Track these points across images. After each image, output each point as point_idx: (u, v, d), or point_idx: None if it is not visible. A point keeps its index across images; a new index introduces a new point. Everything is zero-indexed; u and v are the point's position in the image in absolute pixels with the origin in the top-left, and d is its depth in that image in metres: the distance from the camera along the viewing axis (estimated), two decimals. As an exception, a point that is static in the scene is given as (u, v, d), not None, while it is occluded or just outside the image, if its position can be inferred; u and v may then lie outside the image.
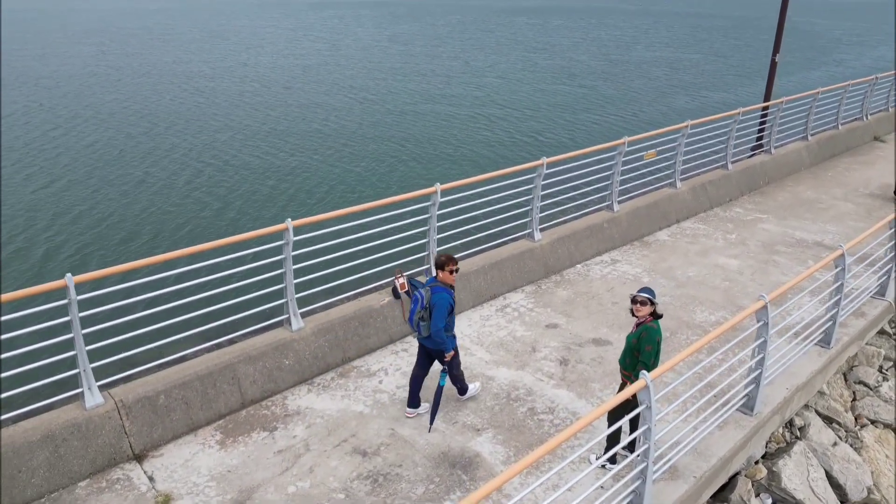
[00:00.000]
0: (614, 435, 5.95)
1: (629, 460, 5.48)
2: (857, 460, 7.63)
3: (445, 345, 6.56)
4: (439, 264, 6.63)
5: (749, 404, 7.02)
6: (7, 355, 5.69)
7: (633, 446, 5.67)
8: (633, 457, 5.47)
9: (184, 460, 6.19)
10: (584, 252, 10.75)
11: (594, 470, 6.18)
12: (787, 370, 7.73)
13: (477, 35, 48.36)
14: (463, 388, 7.14)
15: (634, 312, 6.04)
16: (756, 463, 7.34)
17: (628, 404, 5.65)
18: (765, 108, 15.24)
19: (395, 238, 8.40)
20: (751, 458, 7.29)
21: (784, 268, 10.63)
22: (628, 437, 5.54)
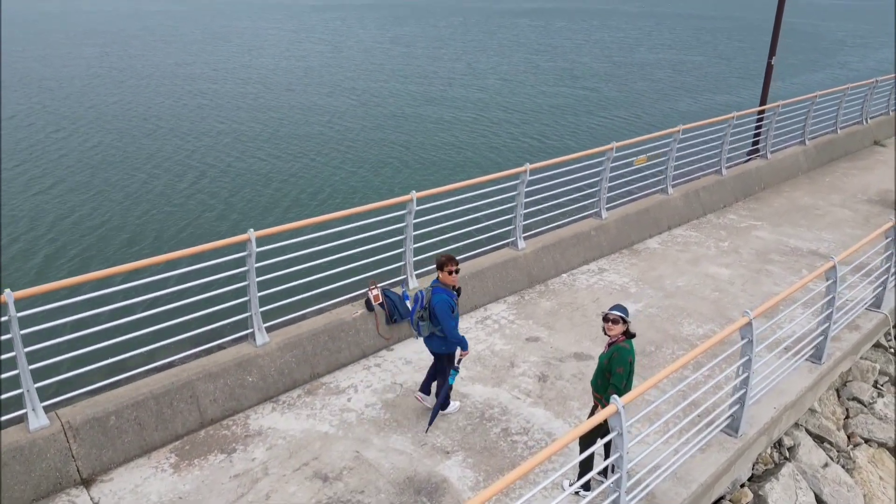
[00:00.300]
0: (587, 461, 5.62)
1: (602, 488, 5.15)
2: (849, 482, 7.28)
3: (463, 343, 6.52)
4: (439, 265, 6.50)
5: (733, 425, 6.68)
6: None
7: (608, 472, 5.35)
8: (607, 484, 5.14)
9: (134, 485, 5.87)
10: (571, 261, 10.41)
11: (567, 497, 5.85)
12: (776, 388, 7.39)
13: (478, 37, 48.01)
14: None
15: (606, 331, 5.71)
16: (742, 486, 6.99)
17: (601, 428, 5.33)
18: (761, 112, 14.89)
19: (369, 248, 8.09)
20: (736, 481, 6.94)
21: (777, 277, 10.28)
22: (602, 464, 5.21)
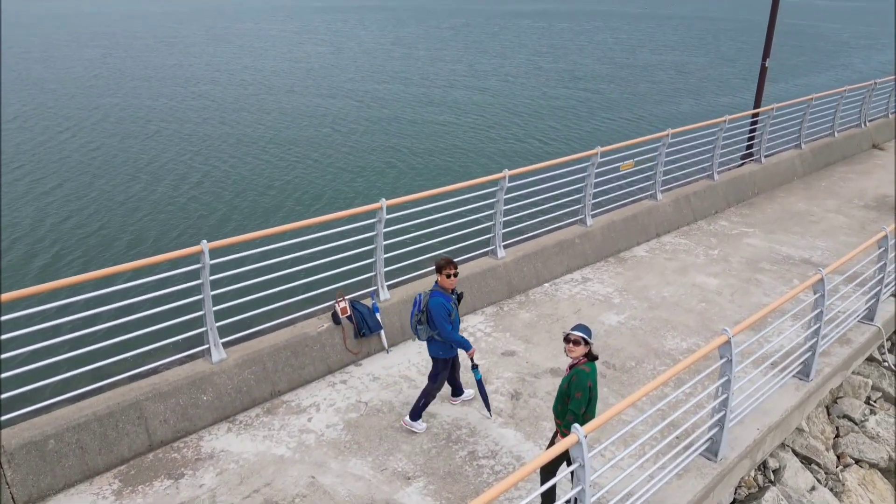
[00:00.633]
0: (549, 494, 5.27)
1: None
2: (838, 507, 6.91)
3: (464, 344, 6.43)
4: (438, 268, 6.41)
5: (713, 448, 6.32)
6: None
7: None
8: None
9: (71, 514, 5.54)
10: (553, 270, 10.05)
11: (531, 529, 5.49)
12: (761, 407, 7.02)
13: (480, 38, 47.67)
14: (416, 413, 6.64)
15: (567, 352, 5.36)
16: (723, 512, 6.63)
17: (565, 456, 4.99)
18: (755, 115, 14.51)
19: (336, 258, 7.75)
20: (717, 506, 6.58)
21: (767, 287, 9.91)
22: (565, 497, 4.86)
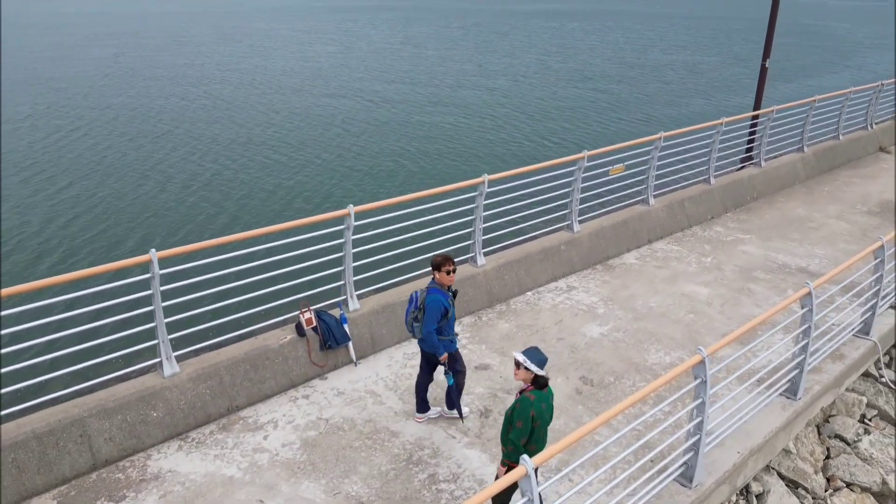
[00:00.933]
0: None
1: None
2: (825, 535, 6.51)
3: (437, 349, 6.28)
4: (436, 265, 6.29)
5: (688, 474, 5.94)
6: None
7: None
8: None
9: (1, 539, 5.25)
10: (537, 277, 9.69)
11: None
12: (743, 428, 6.64)
13: (490, 38, 47.32)
14: (452, 405, 6.65)
15: (514, 376, 5.03)
16: (699, 541, 6.24)
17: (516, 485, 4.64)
18: (755, 118, 14.06)
19: (303, 267, 7.44)
20: (692, 535, 6.20)
21: (759, 298, 9.49)
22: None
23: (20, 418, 5.81)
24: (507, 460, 4.92)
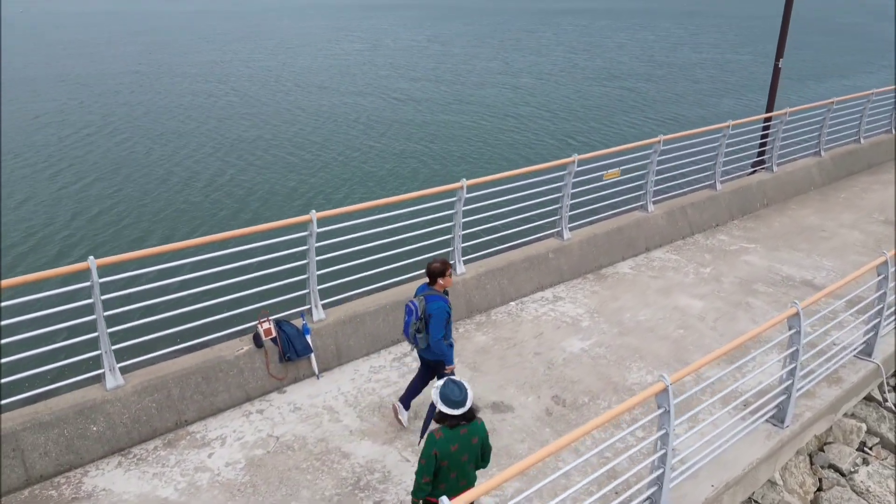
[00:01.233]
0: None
1: None
2: (808, 577, 6.00)
3: (446, 356, 6.12)
4: (438, 272, 6.07)
5: (652, 510, 5.49)
6: None
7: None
8: None
9: (-85, 560, 5.03)
10: (521, 287, 9.26)
11: None
12: (721, 458, 6.15)
13: (518, 36, 46.58)
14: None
15: None
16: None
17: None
18: (767, 120, 13.41)
19: (265, 274, 7.14)
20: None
21: (757, 313, 8.94)
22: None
23: (-52, 432, 5.60)
24: (413, 498, 4.57)
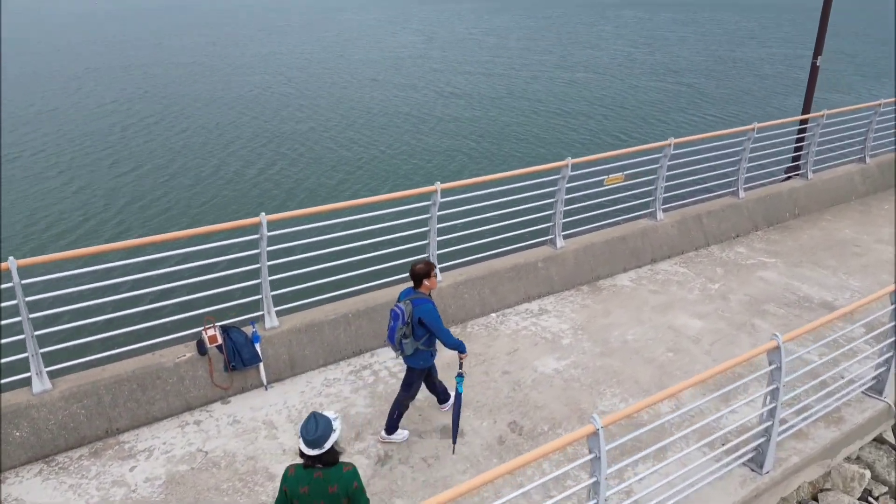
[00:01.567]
0: None
1: None
2: None
3: (460, 346, 5.96)
4: (423, 273, 5.90)
5: (585, 564, 4.90)
6: None
7: None
8: None
9: None
10: (505, 298, 8.69)
11: None
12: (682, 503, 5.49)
13: (576, 29, 45.28)
14: (392, 426, 6.26)
15: None
16: None
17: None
18: (803, 122, 12.34)
19: (211, 278, 6.83)
20: None
21: (761, 337, 8.11)
22: None
23: None
24: None
